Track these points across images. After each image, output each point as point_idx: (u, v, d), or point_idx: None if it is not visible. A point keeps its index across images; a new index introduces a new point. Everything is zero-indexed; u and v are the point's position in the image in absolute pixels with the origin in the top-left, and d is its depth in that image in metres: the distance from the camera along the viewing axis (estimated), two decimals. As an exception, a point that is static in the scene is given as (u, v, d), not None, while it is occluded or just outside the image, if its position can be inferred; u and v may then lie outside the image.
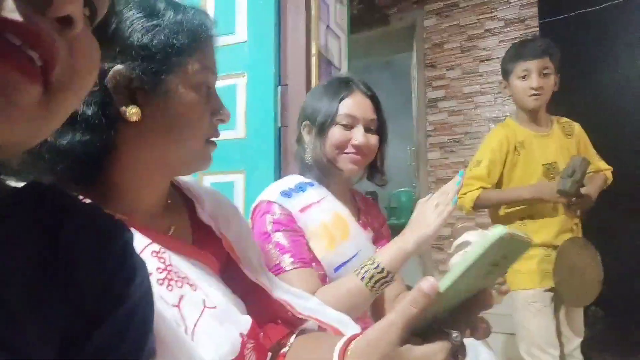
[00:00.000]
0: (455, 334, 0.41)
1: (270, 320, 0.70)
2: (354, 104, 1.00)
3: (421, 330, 0.42)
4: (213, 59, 0.60)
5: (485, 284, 0.43)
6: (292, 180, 1.04)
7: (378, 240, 1.10)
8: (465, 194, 1.54)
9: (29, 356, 0.27)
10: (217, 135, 0.62)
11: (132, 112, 0.51)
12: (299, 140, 1.08)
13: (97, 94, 0.49)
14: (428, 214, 0.88)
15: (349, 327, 0.73)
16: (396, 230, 0.98)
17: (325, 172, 1.02)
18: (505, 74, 1.63)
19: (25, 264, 0.30)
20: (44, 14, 0.26)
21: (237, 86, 1.43)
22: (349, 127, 0.99)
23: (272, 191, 0.99)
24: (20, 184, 0.36)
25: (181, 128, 0.56)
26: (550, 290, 1.51)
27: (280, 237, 0.92)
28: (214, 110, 0.60)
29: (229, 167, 1.38)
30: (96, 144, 0.50)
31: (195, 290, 0.57)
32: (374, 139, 1.02)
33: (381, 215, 1.19)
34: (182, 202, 0.69)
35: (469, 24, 3.39)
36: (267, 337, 0.68)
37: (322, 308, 0.75)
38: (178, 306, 0.53)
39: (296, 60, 1.45)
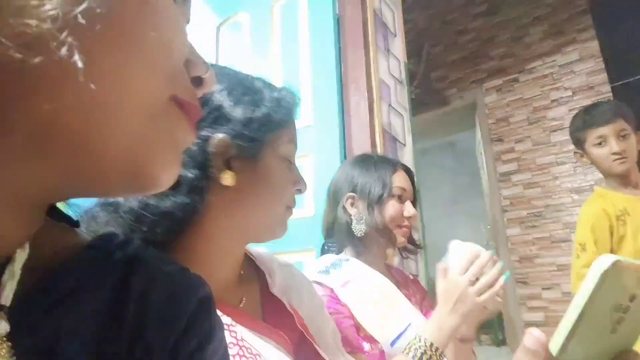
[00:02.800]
0: None
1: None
2: (401, 179, 1.05)
3: None
4: (296, 134, 0.64)
5: (623, 342, 0.33)
6: (327, 259, 1.04)
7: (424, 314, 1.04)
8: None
9: None
10: (294, 204, 0.63)
11: (227, 177, 0.53)
12: (336, 214, 1.06)
13: (199, 158, 0.52)
14: (464, 291, 0.81)
15: None
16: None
17: (373, 244, 1.03)
18: (578, 143, 1.52)
19: (92, 318, 0.27)
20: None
21: (304, 167, 1.46)
22: (401, 199, 1.03)
23: (309, 272, 0.98)
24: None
25: (269, 195, 0.58)
26: None
27: None
28: (295, 180, 0.63)
29: (299, 246, 1.36)
30: (196, 206, 0.51)
31: (267, 369, 0.51)
32: (415, 212, 1.06)
33: (422, 289, 1.16)
34: (254, 274, 0.66)
35: (534, 97, 3.33)
36: None
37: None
38: (249, 386, 0.47)
39: (361, 138, 1.47)
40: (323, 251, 1.12)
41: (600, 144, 1.43)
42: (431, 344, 0.79)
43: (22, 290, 0.25)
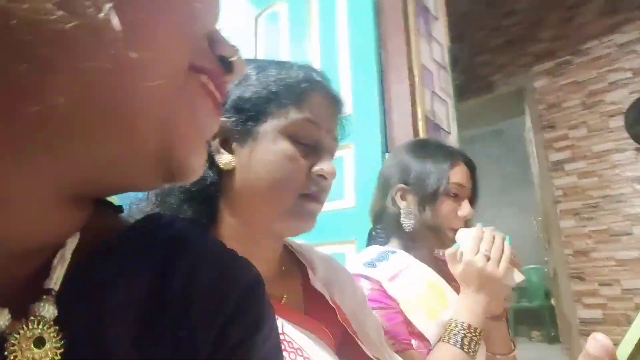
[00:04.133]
0: None
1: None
2: (461, 175, 0.95)
3: None
4: (322, 114, 0.56)
5: None
6: (372, 250, 0.97)
7: None
8: None
9: None
10: (317, 192, 0.56)
11: (223, 159, 0.53)
12: (384, 204, 0.99)
13: None
14: (482, 269, 0.81)
15: None
16: (529, 313, 0.88)
17: (422, 240, 0.97)
18: (638, 138, 1.41)
19: (135, 301, 0.27)
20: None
21: (344, 157, 1.43)
22: (457, 198, 0.95)
23: (355, 265, 0.92)
24: None
25: (272, 179, 0.52)
26: None
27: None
28: (312, 164, 0.55)
29: (340, 238, 1.33)
30: (207, 180, 0.53)
31: (309, 365, 0.49)
32: (473, 213, 0.98)
33: None
34: (295, 267, 0.64)
35: (589, 79, 3.11)
36: None
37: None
38: (291, 382, 0.46)
39: (403, 127, 1.42)
40: (370, 238, 1.06)
41: None
42: (469, 326, 0.78)
43: (70, 276, 0.25)
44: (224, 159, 0.52)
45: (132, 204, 0.51)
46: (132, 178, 0.26)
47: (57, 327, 0.23)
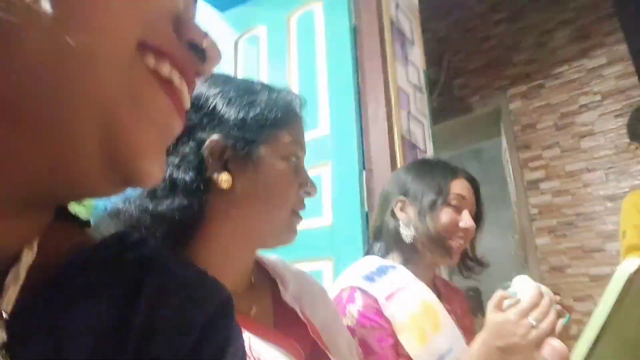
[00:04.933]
0: None
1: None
2: (462, 187, 0.97)
3: None
4: (302, 136, 0.62)
5: None
6: (372, 263, 0.95)
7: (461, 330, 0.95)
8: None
9: None
10: (303, 208, 0.62)
11: (224, 179, 0.53)
12: (386, 217, 0.99)
13: (194, 161, 0.52)
14: (524, 335, 0.69)
15: None
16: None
17: (423, 253, 0.95)
18: (635, 135, 1.56)
19: (98, 322, 0.25)
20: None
21: (322, 175, 1.46)
22: (458, 209, 0.95)
23: (353, 276, 0.91)
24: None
25: (270, 196, 0.56)
26: None
27: (366, 335, 0.83)
28: (302, 182, 0.61)
29: (317, 255, 1.35)
30: (193, 208, 0.51)
31: (276, 378, 0.50)
32: (474, 224, 0.96)
33: (465, 303, 1.07)
34: (266, 282, 0.65)
35: (561, 102, 3.23)
36: None
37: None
38: (257, 396, 0.46)
39: (379, 145, 1.45)
40: (368, 251, 1.05)
41: None
42: None
43: (27, 294, 0.24)
44: (224, 178, 0.53)
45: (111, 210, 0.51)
46: (81, 181, 0.23)
47: (6, 353, 0.21)
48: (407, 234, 0.95)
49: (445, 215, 0.93)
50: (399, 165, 1.40)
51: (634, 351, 0.28)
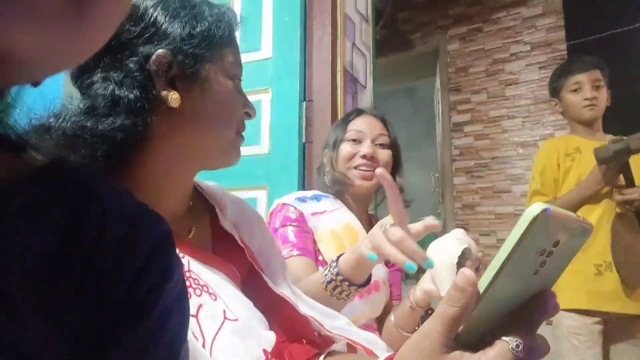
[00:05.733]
0: (515, 341, 0.33)
1: (295, 339, 0.64)
2: (361, 122, 1.07)
3: (475, 341, 0.35)
4: (239, 54, 0.60)
5: (542, 283, 0.36)
6: (309, 191, 1.09)
7: (392, 265, 1.09)
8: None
9: (30, 357, 0.23)
10: (244, 129, 0.61)
11: (174, 98, 0.50)
12: (319, 168, 1.14)
13: (139, 77, 0.49)
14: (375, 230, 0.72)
15: (380, 347, 0.67)
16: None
17: (340, 188, 1.06)
18: (555, 91, 1.62)
19: (37, 251, 0.25)
20: None
21: (262, 102, 1.42)
22: (357, 142, 1.04)
23: (288, 196, 1.04)
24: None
25: (218, 116, 0.55)
26: (598, 322, 1.38)
27: (286, 231, 0.95)
28: (244, 103, 0.60)
29: (252, 183, 1.35)
30: (137, 128, 0.48)
31: (215, 300, 0.52)
32: (384, 153, 1.05)
33: None
34: (204, 207, 0.65)
35: (494, 48, 3.36)
36: (292, 356, 0.61)
37: (352, 328, 0.68)
38: (196, 316, 0.48)
39: (321, 77, 1.43)
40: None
41: (575, 90, 1.53)
42: (338, 274, 0.73)
43: None
44: (173, 96, 0.50)
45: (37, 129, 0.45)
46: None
47: None
48: (326, 178, 1.06)
49: (342, 150, 1.04)
50: (339, 99, 1.40)
51: (525, 280, 0.34)
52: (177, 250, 0.50)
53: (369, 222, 1.10)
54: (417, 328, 0.89)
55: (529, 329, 0.35)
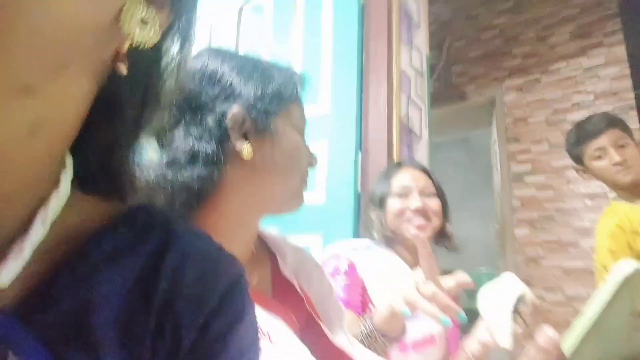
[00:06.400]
0: None
1: (353, 391, 0.63)
2: (405, 176, 1.08)
3: None
4: (304, 110, 0.65)
5: (638, 349, 0.33)
6: (364, 241, 1.09)
7: None
8: None
9: None
10: (307, 177, 0.66)
11: (247, 150, 0.55)
12: (365, 223, 1.16)
13: (216, 132, 0.54)
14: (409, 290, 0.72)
15: None
16: (475, 314, 0.86)
17: (391, 243, 1.06)
18: (577, 159, 1.49)
19: (123, 289, 0.27)
20: None
21: (319, 154, 1.46)
22: (404, 196, 1.04)
23: (340, 246, 1.05)
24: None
25: (285, 165, 0.60)
26: None
27: (334, 282, 0.95)
28: (309, 153, 0.65)
29: (307, 230, 1.37)
30: (213, 179, 0.53)
31: (274, 346, 0.53)
32: (433, 202, 1.05)
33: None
34: (266, 255, 0.67)
35: (555, 99, 3.27)
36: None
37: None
38: (258, 362, 0.49)
39: (377, 128, 1.47)
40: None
41: (599, 156, 1.38)
42: (372, 330, 0.75)
43: (53, 261, 0.26)
44: (246, 149, 0.55)
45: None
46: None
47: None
48: (376, 234, 1.08)
49: (391, 207, 1.04)
50: (395, 149, 1.43)
51: (619, 344, 0.31)
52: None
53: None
54: None
55: None
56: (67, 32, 0.21)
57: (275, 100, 0.59)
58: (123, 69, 0.26)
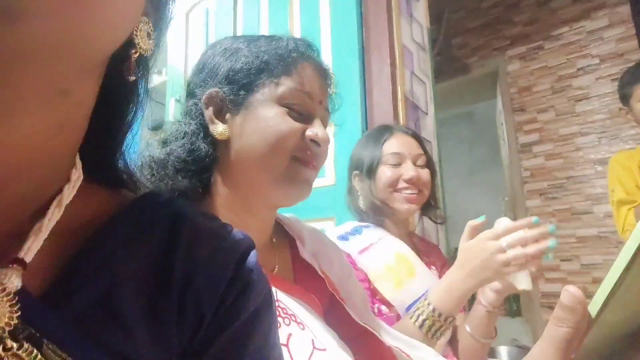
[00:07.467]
0: None
1: (382, 370, 0.63)
2: (398, 143, 1.01)
3: None
4: (314, 86, 0.57)
5: None
6: (348, 225, 1.04)
7: None
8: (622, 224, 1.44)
9: None
10: (311, 157, 0.56)
11: (218, 128, 0.55)
12: (350, 190, 1.09)
13: (195, 114, 0.57)
14: (490, 257, 0.71)
15: None
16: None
17: (380, 215, 1.02)
18: (624, 99, 1.51)
19: (145, 267, 0.29)
20: None
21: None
22: (397, 165, 0.99)
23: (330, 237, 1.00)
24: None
25: (264, 144, 0.53)
26: None
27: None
28: (304, 129, 0.55)
29: (319, 215, 1.36)
30: (202, 151, 0.55)
31: (303, 329, 0.52)
32: (425, 173, 1.01)
33: (442, 257, 1.15)
34: (285, 239, 0.66)
35: (559, 65, 3.21)
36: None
37: (439, 358, 0.65)
38: (287, 345, 0.49)
39: (383, 106, 1.44)
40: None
41: None
42: (434, 310, 0.73)
43: (72, 249, 0.27)
44: (218, 128, 0.55)
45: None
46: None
47: (15, 298, 0.23)
48: (362, 203, 1.03)
49: (381, 174, 0.99)
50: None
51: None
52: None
53: (411, 242, 1.07)
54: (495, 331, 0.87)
55: None
56: (99, 45, 0.24)
57: (248, 74, 0.55)
58: (132, 74, 0.30)
